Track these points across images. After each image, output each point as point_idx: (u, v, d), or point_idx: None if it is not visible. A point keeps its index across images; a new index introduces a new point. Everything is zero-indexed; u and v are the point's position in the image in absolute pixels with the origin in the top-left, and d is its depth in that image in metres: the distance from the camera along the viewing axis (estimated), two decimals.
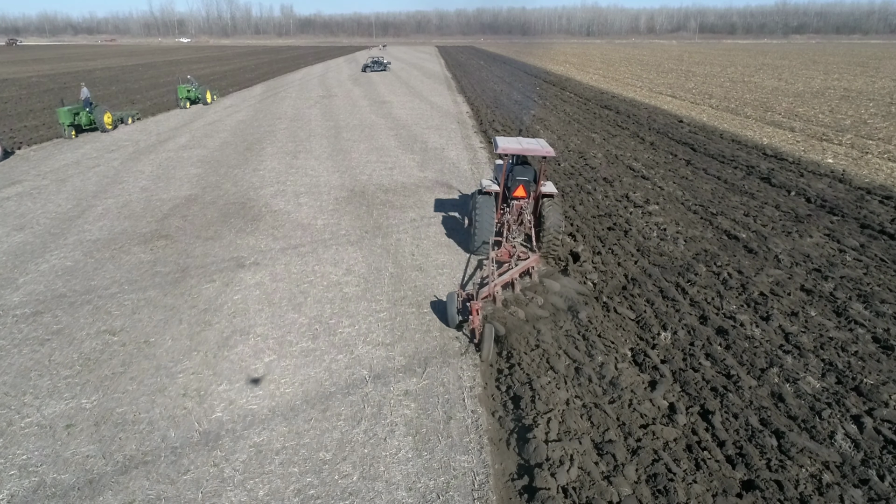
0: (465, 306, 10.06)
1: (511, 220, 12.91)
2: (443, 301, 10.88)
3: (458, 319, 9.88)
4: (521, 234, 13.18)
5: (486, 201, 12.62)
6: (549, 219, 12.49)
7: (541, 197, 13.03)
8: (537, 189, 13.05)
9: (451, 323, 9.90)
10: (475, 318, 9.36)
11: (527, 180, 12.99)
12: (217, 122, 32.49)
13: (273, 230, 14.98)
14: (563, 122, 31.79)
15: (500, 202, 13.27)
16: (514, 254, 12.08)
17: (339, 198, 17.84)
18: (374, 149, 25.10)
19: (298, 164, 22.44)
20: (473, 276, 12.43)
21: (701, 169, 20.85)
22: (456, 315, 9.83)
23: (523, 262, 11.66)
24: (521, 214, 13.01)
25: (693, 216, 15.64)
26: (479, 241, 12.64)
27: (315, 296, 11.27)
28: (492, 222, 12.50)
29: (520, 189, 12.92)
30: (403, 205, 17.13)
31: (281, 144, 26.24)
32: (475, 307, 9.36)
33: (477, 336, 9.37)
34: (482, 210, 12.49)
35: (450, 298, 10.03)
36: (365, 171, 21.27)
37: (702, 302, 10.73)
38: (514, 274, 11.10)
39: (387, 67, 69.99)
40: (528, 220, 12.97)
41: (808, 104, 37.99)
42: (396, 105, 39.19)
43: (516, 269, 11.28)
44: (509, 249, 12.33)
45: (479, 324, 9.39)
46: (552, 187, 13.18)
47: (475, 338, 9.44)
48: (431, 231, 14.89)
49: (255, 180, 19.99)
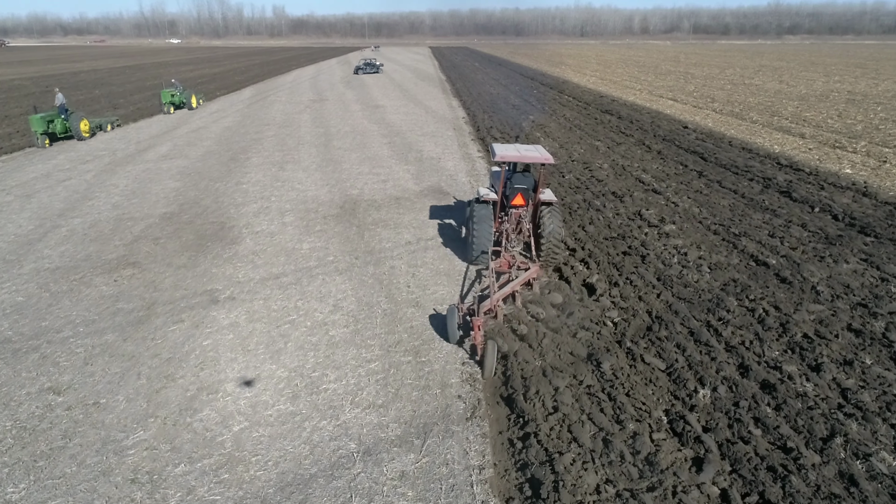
0: (466, 320, 9.88)
1: (510, 228, 12.65)
2: (441, 342, 9.52)
3: (458, 335, 9.55)
4: (520, 242, 12.87)
5: (483, 210, 12.21)
6: (548, 227, 12.13)
7: (540, 205, 12.53)
8: (536, 197, 12.58)
9: (452, 339, 9.55)
10: (477, 335, 9.12)
11: (525, 188, 12.53)
12: (201, 129, 30.97)
13: (254, 256, 13.54)
14: (564, 128, 30.45)
15: (497, 211, 12.83)
16: (514, 264, 11.87)
17: (328, 216, 16.42)
18: (367, 158, 23.69)
19: (285, 176, 21.00)
20: (473, 286, 11.98)
21: (715, 181, 19.54)
22: (457, 331, 9.49)
23: (524, 274, 11.34)
24: (520, 223, 12.69)
25: (714, 238, 14.31)
26: (477, 251, 12.23)
27: (297, 340, 9.86)
28: (490, 232, 12.13)
29: (518, 197, 12.49)
30: (398, 223, 15.72)
31: (268, 154, 24.78)
32: (477, 323, 9.13)
33: (479, 352, 9.07)
34: (480, 219, 12.11)
35: (450, 313, 9.63)
36: (356, 184, 19.85)
37: (739, 346, 9.38)
38: (516, 286, 10.81)
39: (379, 69, 68.54)
40: (526, 229, 12.66)
41: (815, 108, 36.83)
42: (390, 110, 37.78)
43: (517, 280, 10.96)
44: (508, 260, 12.09)
45: (481, 340, 9.13)
46: (551, 195, 12.63)
47: (477, 354, 9.14)
48: (429, 256, 13.49)
49: (238, 196, 18.54)
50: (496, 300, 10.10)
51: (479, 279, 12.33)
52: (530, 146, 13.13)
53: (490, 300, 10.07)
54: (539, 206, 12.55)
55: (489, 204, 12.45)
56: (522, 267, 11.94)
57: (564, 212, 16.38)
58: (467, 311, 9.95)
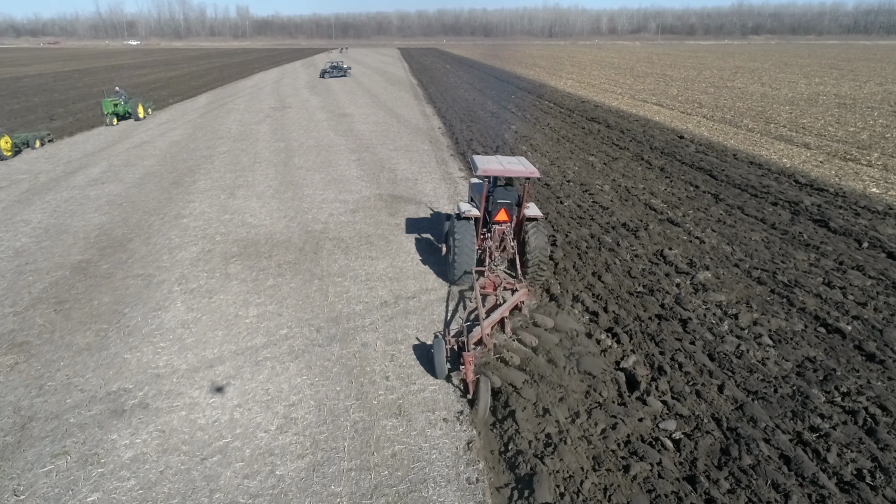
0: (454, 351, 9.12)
1: (493, 246, 12.02)
2: (442, 485, 6.60)
3: (446, 370, 8.79)
4: (503, 261, 12.34)
5: (465, 227, 11.40)
6: (533, 244, 11.41)
7: (524, 220, 11.76)
8: (520, 212, 11.78)
9: (440, 375, 8.80)
10: (468, 372, 8.34)
11: (509, 203, 11.73)
12: (145, 145, 27.41)
13: (183, 330, 10.40)
14: (551, 140, 27.75)
15: (480, 227, 11.99)
16: (500, 284, 11.08)
17: (284, 263, 13.33)
18: (333, 181, 20.59)
19: (235, 205, 17.79)
20: (457, 310, 11.05)
21: (736, 207, 16.99)
22: (445, 365, 8.72)
23: (512, 298, 10.48)
24: (504, 240, 12.02)
25: (761, 290, 11.66)
26: (459, 272, 11.45)
27: (226, 487, 6.81)
28: (472, 250, 11.33)
29: (502, 213, 11.74)
30: (370, 274, 12.73)
31: (218, 175, 21.49)
32: (468, 359, 8.39)
33: (471, 390, 8.31)
34: (461, 237, 11.30)
35: (437, 346, 8.85)
36: (320, 215, 16.77)
37: (856, 482, 6.66)
38: (505, 311, 9.98)
39: (347, 73, 65.16)
40: (510, 247, 12.04)
41: (808, 114, 34.94)
42: (358, 118, 34.64)
43: (505, 305, 10.16)
44: (493, 280, 11.23)
45: (472, 378, 8.34)
46: (536, 209, 11.99)
47: (468, 391, 8.38)
48: (411, 325, 10.54)
49: (176, 234, 15.30)
50: (486, 329, 9.25)
51: (463, 301, 11.40)
52: (513, 158, 12.30)
53: (479, 329, 9.22)
54: (523, 222, 11.77)
55: (471, 220, 11.57)
56: (508, 287, 11.11)
57: (572, 253, 13.61)
58: (455, 341, 9.12)
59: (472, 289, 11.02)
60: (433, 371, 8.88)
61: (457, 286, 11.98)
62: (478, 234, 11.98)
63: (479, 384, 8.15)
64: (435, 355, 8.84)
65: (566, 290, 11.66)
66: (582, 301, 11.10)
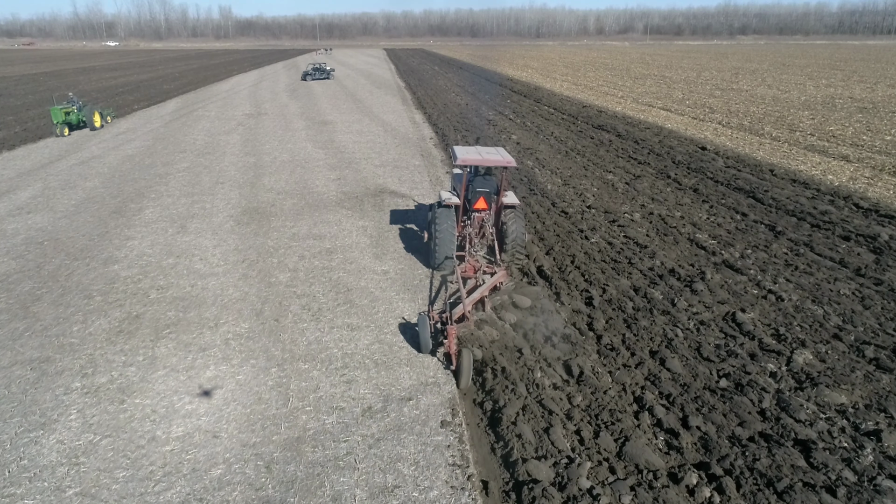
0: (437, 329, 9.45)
1: (473, 233, 12.56)
2: None
3: (431, 345, 9.19)
4: (483, 246, 12.77)
5: (446, 214, 11.99)
6: (512, 230, 12.12)
7: (503, 208, 12.41)
8: (499, 200, 12.39)
9: (424, 349, 9.22)
10: (451, 345, 8.79)
11: (488, 191, 12.31)
12: (93, 160, 23.80)
13: (66, 472, 6.96)
14: (559, 153, 24.52)
15: (460, 215, 12.60)
16: (479, 268, 11.60)
17: (234, 337, 9.94)
18: (307, 208, 17.20)
19: (184, 244, 14.36)
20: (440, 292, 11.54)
21: (801, 243, 13.84)
22: (429, 340, 9.15)
23: (492, 279, 11.04)
24: (483, 227, 12.57)
25: (888, 381, 8.45)
26: (441, 257, 12.03)
27: None
28: (453, 236, 11.98)
29: (481, 201, 12.31)
30: (349, 355, 9.38)
31: (170, 201, 18.01)
32: (451, 332, 8.81)
33: (454, 362, 8.74)
34: (442, 224, 11.88)
35: (421, 322, 9.25)
36: (288, 258, 13.39)
37: None
38: (484, 291, 10.51)
39: (330, 75, 61.61)
40: (490, 233, 12.56)
41: (831, 120, 32.06)
42: (341, 127, 31.21)
43: (485, 286, 10.66)
44: (473, 264, 11.73)
45: (455, 350, 8.78)
46: (514, 197, 12.60)
47: (451, 364, 8.81)
48: (408, 453, 7.18)
49: (99, 289, 11.85)
50: (468, 306, 9.76)
51: (445, 286, 11.86)
52: (491, 148, 12.79)
53: (461, 306, 9.74)
54: (502, 210, 12.38)
55: (451, 208, 12.17)
56: (488, 271, 11.58)
57: (617, 319, 10.34)
58: (439, 318, 9.58)
59: (454, 273, 11.39)
60: (418, 347, 9.24)
61: (439, 271, 12.35)
62: (458, 222, 12.51)
63: (461, 356, 8.49)
64: (420, 331, 9.18)
65: (623, 387, 8.37)
66: (650, 408, 7.82)
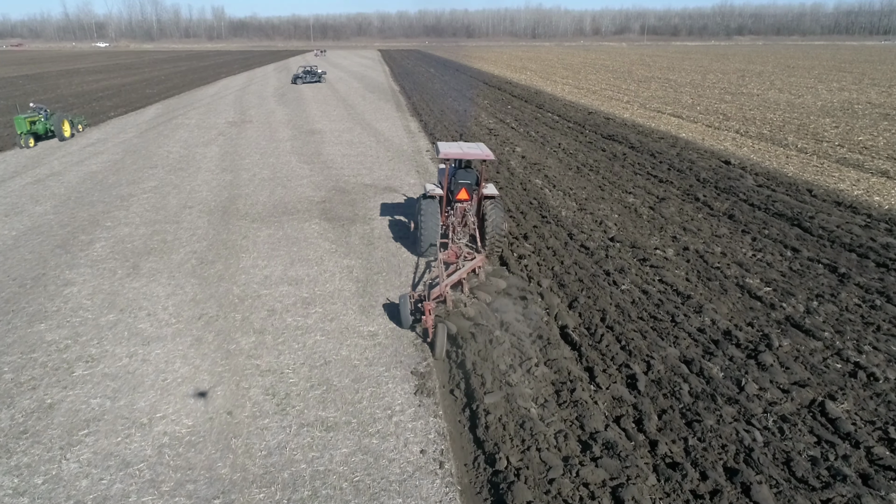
0: (417, 307, 10.09)
1: (455, 222, 13.34)
2: None
3: (411, 320, 10.06)
4: (465, 235, 13.46)
5: (430, 205, 12.77)
6: (491, 219, 12.86)
7: (483, 199, 13.15)
8: (479, 191, 13.19)
9: (405, 324, 10.09)
10: (428, 319, 9.50)
11: (469, 183, 13.21)
12: (51, 178, 21.31)
13: None
14: (569, 168, 22.14)
15: (444, 205, 13.46)
16: (461, 254, 12.18)
17: (172, 442, 7.52)
18: (285, 241, 14.80)
19: (132, 293, 11.92)
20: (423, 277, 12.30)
21: (875, 290, 11.48)
22: (409, 316, 10.03)
23: (470, 263, 11.69)
24: (465, 216, 13.40)
25: None
26: (425, 244, 12.84)
27: None
28: (437, 225, 12.79)
29: (462, 192, 13.23)
30: (328, 479, 6.99)
31: (127, 231, 15.58)
32: (428, 307, 9.49)
33: (430, 335, 9.54)
34: (427, 214, 12.68)
35: (402, 300, 10.17)
36: (254, 317, 10.97)
37: None
38: (463, 274, 11.22)
39: (321, 78, 59.11)
40: (471, 222, 13.42)
41: (857, 128, 29.82)
42: (329, 137, 28.78)
43: (464, 269, 11.36)
44: (455, 251, 12.35)
45: (431, 323, 9.54)
46: (493, 189, 13.31)
47: (428, 337, 9.63)
48: None
49: (12, 363, 9.41)
50: (445, 287, 10.40)
51: (429, 270, 12.66)
52: (472, 144, 13.94)
53: (440, 286, 10.36)
54: (482, 200, 13.15)
55: (436, 199, 12.93)
56: (469, 257, 12.06)
57: (673, 413, 7.97)
58: (418, 297, 10.31)
59: (437, 259, 12.04)
60: (399, 322, 10.18)
61: (424, 258, 13.28)
62: (442, 212, 13.46)
63: (437, 329, 9.42)
64: (401, 308, 10.13)
65: None
66: None
